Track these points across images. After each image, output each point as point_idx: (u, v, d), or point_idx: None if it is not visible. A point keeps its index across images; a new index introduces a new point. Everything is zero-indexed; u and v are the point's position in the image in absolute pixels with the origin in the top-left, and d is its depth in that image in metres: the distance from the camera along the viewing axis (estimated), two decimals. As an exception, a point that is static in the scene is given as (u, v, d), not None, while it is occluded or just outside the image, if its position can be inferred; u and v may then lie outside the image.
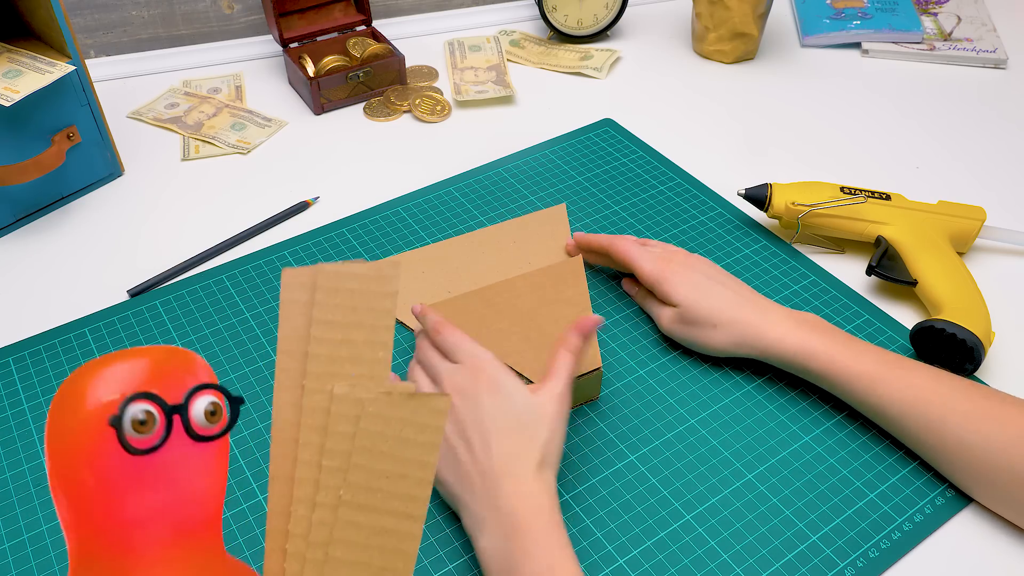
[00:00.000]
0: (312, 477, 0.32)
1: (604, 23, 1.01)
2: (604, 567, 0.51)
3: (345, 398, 0.32)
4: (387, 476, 0.32)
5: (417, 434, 0.32)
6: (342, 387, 0.32)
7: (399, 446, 0.31)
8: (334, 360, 0.32)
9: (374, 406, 0.32)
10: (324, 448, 0.32)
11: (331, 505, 0.32)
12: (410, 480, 0.32)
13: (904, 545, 0.52)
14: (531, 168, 0.82)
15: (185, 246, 0.74)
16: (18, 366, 0.63)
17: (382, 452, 0.32)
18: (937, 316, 0.62)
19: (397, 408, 0.32)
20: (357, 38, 0.95)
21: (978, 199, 0.79)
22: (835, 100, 0.93)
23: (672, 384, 0.62)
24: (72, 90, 0.74)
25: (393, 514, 0.32)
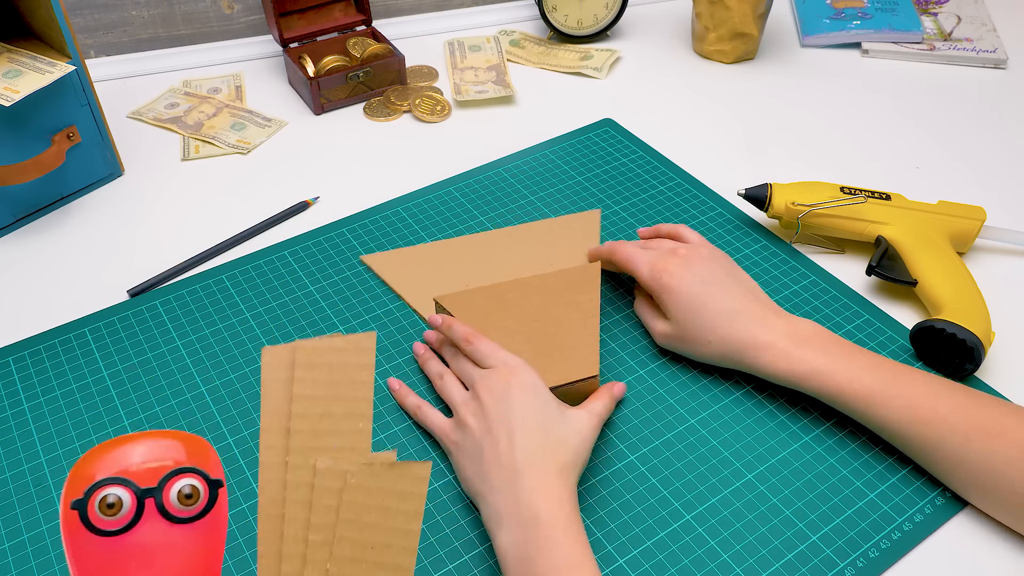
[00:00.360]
0: (299, 552, 0.32)
1: (604, 23, 1.01)
2: (604, 567, 0.51)
3: (328, 472, 0.32)
4: (372, 547, 0.32)
5: (400, 502, 0.32)
6: (324, 461, 0.33)
7: (383, 516, 0.32)
8: (316, 435, 0.33)
9: (356, 478, 0.32)
10: (309, 523, 0.32)
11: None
12: (394, 548, 0.32)
13: (904, 545, 0.52)
14: (531, 168, 0.82)
15: (185, 246, 0.74)
16: (18, 366, 0.63)
17: (366, 523, 0.32)
18: (937, 316, 0.62)
19: (379, 478, 0.32)
20: (357, 38, 0.95)
21: (978, 199, 0.79)
22: (835, 100, 0.93)
23: (672, 385, 0.62)
24: (72, 90, 0.74)
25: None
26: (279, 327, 0.66)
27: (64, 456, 0.57)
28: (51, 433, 0.58)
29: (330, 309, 0.67)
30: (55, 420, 0.59)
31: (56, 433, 0.58)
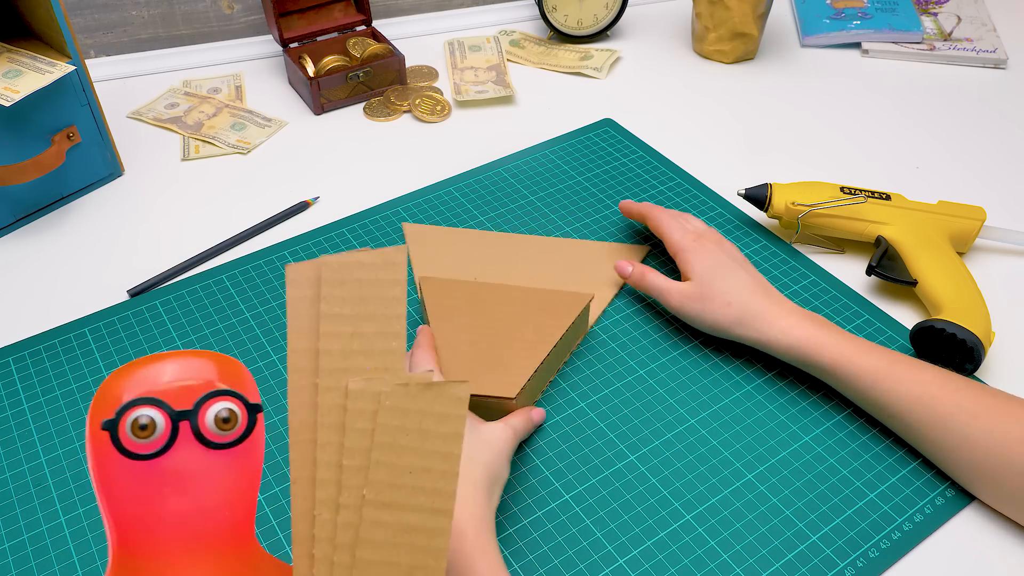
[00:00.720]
0: (334, 478, 0.31)
1: (604, 23, 1.01)
2: (604, 567, 0.51)
3: (361, 393, 0.30)
4: (410, 471, 0.30)
5: (438, 424, 0.30)
6: (357, 382, 0.31)
7: (420, 439, 0.30)
8: (346, 355, 0.31)
9: (391, 399, 0.30)
10: (343, 447, 0.31)
11: (355, 506, 0.30)
12: (434, 473, 0.30)
13: (904, 545, 0.52)
14: (531, 168, 0.82)
15: (185, 246, 0.74)
16: (18, 366, 0.63)
17: (403, 446, 0.30)
18: (937, 316, 0.62)
19: (415, 400, 0.30)
20: (357, 38, 0.95)
21: (978, 199, 0.79)
22: (835, 100, 0.93)
23: (672, 384, 0.62)
24: (72, 90, 0.74)
25: (419, 510, 0.30)
26: (279, 327, 0.66)
27: (64, 456, 0.57)
28: (51, 433, 0.58)
29: (330, 309, 0.67)
30: (55, 420, 0.59)
31: (56, 433, 0.58)
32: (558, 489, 0.55)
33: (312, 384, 0.31)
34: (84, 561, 0.51)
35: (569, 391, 0.61)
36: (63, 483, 0.55)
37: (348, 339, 0.31)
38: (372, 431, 0.30)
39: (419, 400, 0.30)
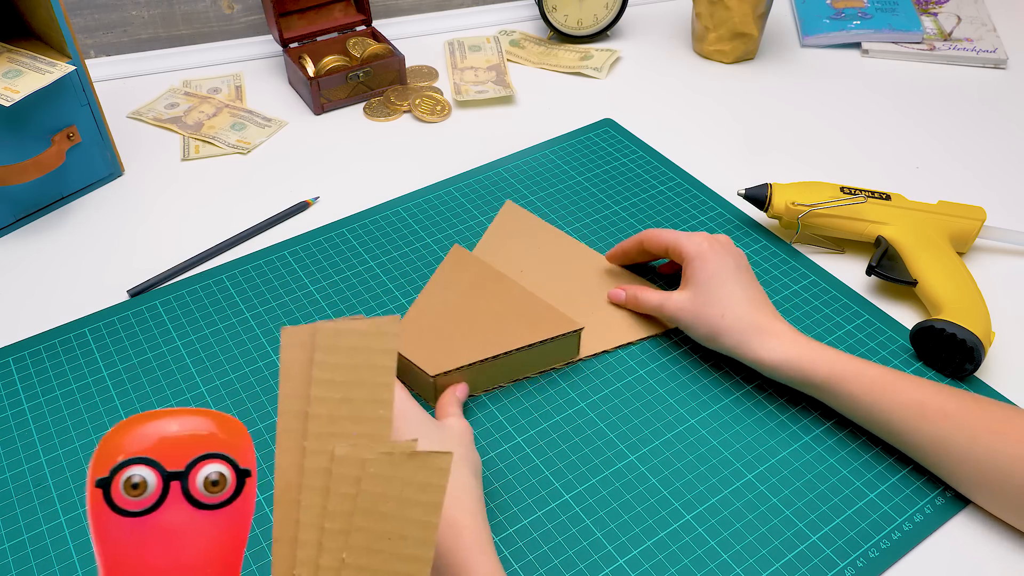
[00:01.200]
0: (315, 539, 0.32)
1: (604, 23, 1.01)
2: (604, 567, 0.51)
3: (346, 459, 0.32)
4: (389, 537, 0.31)
5: (418, 494, 0.31)
6: (343, 448, 0.32)
7: (401, 507, 0.31)
8: (335, 420, 0.32)
9: (375, 466, 0.31)
10: (326, 510, 0.32)
11: (334, 568, 0.31)
12: (411, 541, 0.31)
13: (904, 545, 0.52)
14: (531, 168, 0.82)
15: (185, 246, 0.74)
16: (18, 366, 0.63)
17: (384, 513, 0.31)
18: (937, 316, 0.62)
19: (398, 468, 0.31)
20: (357, 38, 0.95)
21: (978, 199, 0.79)
22: (835, 100, 0.93)
23: (672, 384, 0.62)
24: (72, 90, 0.74)
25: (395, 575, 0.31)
26: (279, 327, 0.66)
27: (64, 456, 0.57)
28: (51, 433, 0.58)
29: (330, 309, 0.67)
30: (55, 420, 0.59)
31: (56, 433, 0.58)
32: (558, 489, 0.55)
33: (300, 446, 0.32)
34: (84, 561, 0.51)
35: (569, 391, 0.61)
36: (63, 483, 0.55)
37: (337, 404, 0.32)
38: (355, 496, 0.32)
39: (402, 469, 0.31)
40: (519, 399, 0.61)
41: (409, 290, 0.69)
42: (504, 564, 0.51)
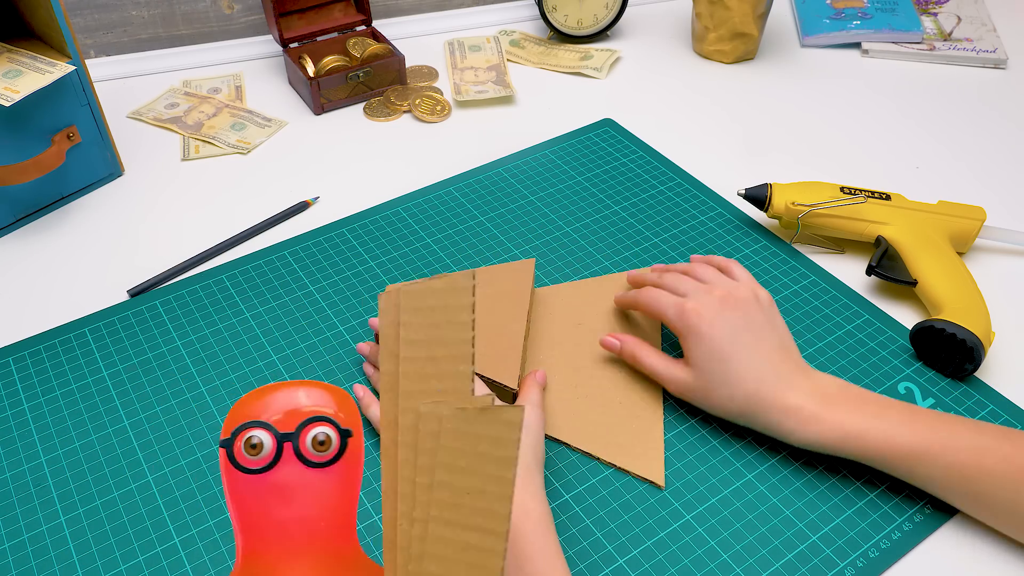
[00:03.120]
0: (409, 492, 0.33)
1: (604, 23, 1.01)
2: (604, 567, 0.51)
3: (428, 415, 0.33)
4: (468, 492, 0.32)
5: (493, 448, 0.32)
6: (426, 404, 0.33)
7: (477, 461, 0.32)
8: (422, 377, 0.34)
9: (451, 422, 0.33)
10: (416, 465, 0.33)
11: (424, 520, 0.33)
12: (489, 495, 0.32)
13: (904, 545, 0.52)
14: (531, 168, 0.82)
15: (185, 246, 0.74)
16: (18, 366, 0.63)
17: (462, 468, 0.32)
18: (937, 316, 0.62)
19: (472, 423, 0.32)
20: (357, 38, 0.95)
21: (978, 199, 0.79)
22: (835, 100, 0.93)
23: (672, 384, 0.62)
24: (72, 90, 0.74)
25: (476, 529, 0.32)
26: (279, 327, 0.66)
27: (64, 456, 0.57)
28: (51, 433, 0.58)
29: (330, 309, 0.67)
30: (55, 420, 0.59)
31: (56, 433, 0.58)
32: (558, 489, 0.55)
33: (396, 405, 0.34)
34: (84, 561, 0.51)
35: (569, 391, 0.61)
36: (63, 483, 0.55)
37: (423, 363, 0.34)
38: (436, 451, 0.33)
39: (475, 424, 0.32)
40: (519, 399, 0.61)
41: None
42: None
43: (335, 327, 0.66)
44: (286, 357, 0.63)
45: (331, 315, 0.67)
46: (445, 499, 0.33)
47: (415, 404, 0.33)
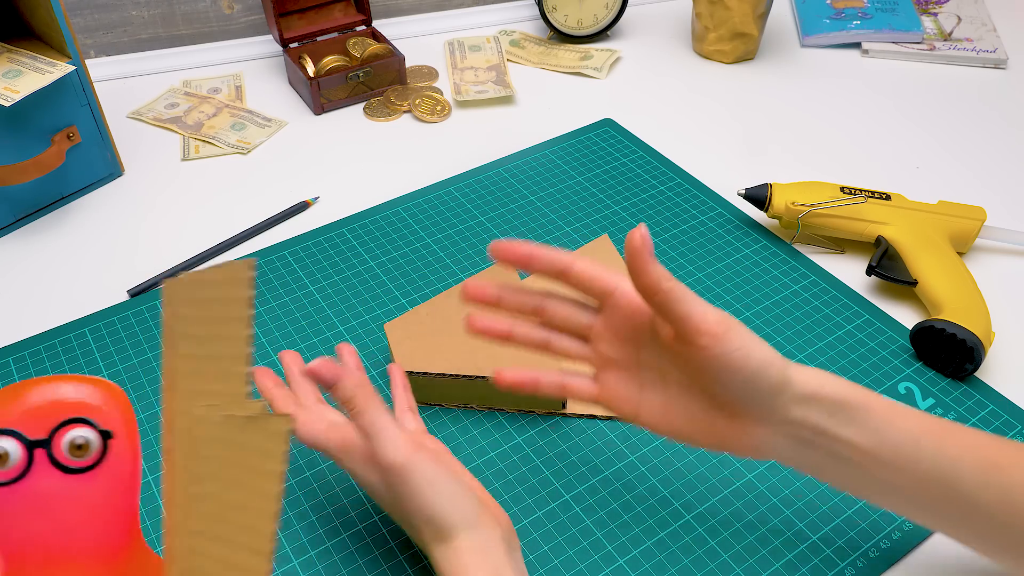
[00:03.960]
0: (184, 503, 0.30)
1: (604, 23, 1.01)
2: (604, 567, 0.51)
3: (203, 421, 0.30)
4: (234, 507, 0.30)
5: (259, 462, 0.30)
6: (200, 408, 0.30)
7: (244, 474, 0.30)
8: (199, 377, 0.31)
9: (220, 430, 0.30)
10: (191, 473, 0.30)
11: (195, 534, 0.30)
12: (252, 512, 0.30)
13: (904, 545, 0.52)
14: (531, 168, 0.82)
15: (185, 246, 0.74)
16: (18, 366, 0.63)
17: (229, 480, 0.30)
18: (937, 316, 0.62)
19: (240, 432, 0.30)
20: (357, 38, 0.95)
21: (978, 199, 0.79)
22: (835, 100, 0.93)
23: (672, 384, 0.62)
24: (72, 90, 0.74)
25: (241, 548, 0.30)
26: (279, 327, 0.66)
27: (64, 456, 0.57)
28: (51, 433, 0.58)
29: (330, 309, 0.67)
30: (55, 420, 0.59)
31: (56, 433, 0.58)
32: (558, 489, 0.55)
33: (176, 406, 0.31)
34: (84, 561, 0.51)
35: (569, 391, 0.61)
36: (63, 483, 0.55)
37: (200, 361, 0.31)
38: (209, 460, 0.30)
39: (243, 433, 0.30)
40: (519, 399, 0.61)
41: (409, 290, 0.69)
42: (504, 564, 0.51)
43: (335, 327, 0.66)
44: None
45: (331, 315, 0.67)
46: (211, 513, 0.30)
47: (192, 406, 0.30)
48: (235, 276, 0.30)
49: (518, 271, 0.66)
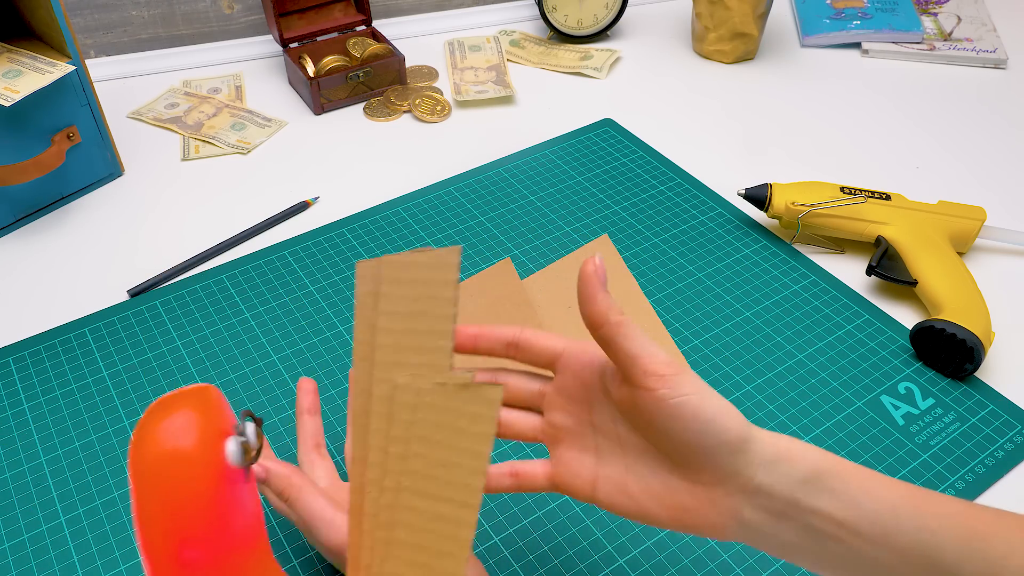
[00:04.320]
0: (380, 461, 0.33)
1: (604, 23, 1.01)
2: (604, 567, 0.51)
3: (406, 388, 0.33)
4: (443, 465, 0.33)
5: (470, 424, 0.32)
6: (404, 377, 0.33)
7: (453, 436, 0.33)
8: (399, 350, 0.34)
9: (430, 396, 0.33)
10: (389, 435, 0.33)
11: (395, 489, 0.33)
12: (464, 469, 0.32)
13: (904, 545, 0.52)
14: (531, 168, 0.82)
15: (185, 246, 0.74)
16: (18, 366, 0.63)
17: (438, 441, 0.33)
18: (937, 316, 0.62)
19: (451, 398, 0.33)
20: (357, 38, 0.95)
21: (978, 199, 0.79)
22: (835, 100, 0.93)
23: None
24: (72, 90, 0.74)
25: (448, 502, 0.33)
26: (279, 327, 0.66)
27: (64, 456, 0.57)
28: (51, 433, 0.58)
29: (330, 309, 0.67)
30: (55, 420, 0.59)
31: (56, 433, 0.58)
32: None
33: (370, 374, 0.34)
34: (84, 561, 0.51)
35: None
36: (63, 483, 0.55)
37: (401, 335, 0.34)
38: (413, 423, 0.33)
39: (455, 400, 0.33)
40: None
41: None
42: (504, 564, 0.51)
43: (335, 327, 0.66)
44: (286, 357, 0.63)
45: (331, 315, 0.67)
46: (418, 471, 0.33)
47: (391, 376, 0.33)
48: (443, 260, 0.34)
49: (517, 273, 0.66)
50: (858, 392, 0.61)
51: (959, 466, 0.56)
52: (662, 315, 0.67)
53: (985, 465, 0.56)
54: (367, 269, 0.34)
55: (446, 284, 0.34)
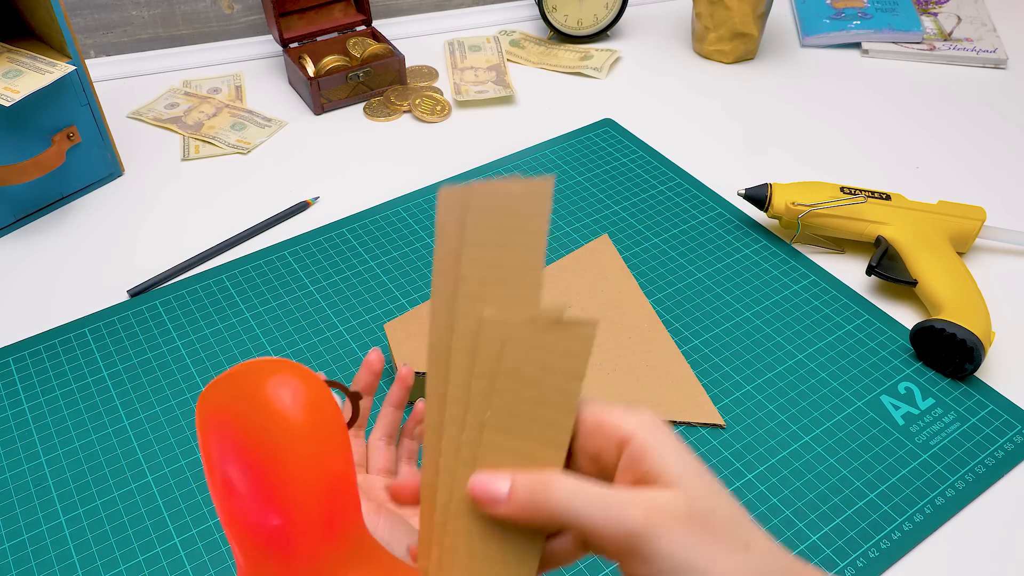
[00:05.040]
0: (462, 398, 0.32)
1: (604, 23, 1.01)
2: (604, 567, 0.51)
3: (493, 323, 0.32)
4: (530, 402, 0.31)
5: (560, 361, 0.31)
6: (490, 311, 0.32)
7: (543, 373, 0.31)
8: (484, 283, 0.32)
9: (520, 332, 0.31)
10: (473, 371, 0.32)
11: (477, 426, 0.32)
12: (553, 407, 0.31)
13: (904, 545, 0.52)
14: (531, 168, 0.82)
15: (185, 246, 0.74)
16: (18, 366, 0.63)
17: (526, 378, 0.31)
18: (937, 316, 0.62)
19: (542, 335, 0.31)
20: (357, 38, 0.95)
21: (978, 199, 0.79)
22: (835, 100, 0.93)
23: (672, 384, 0.62)
24: (72, 90, 0.74)
25: (535, 439, 0.31)
26: (279, 327, 0.66)
27: (64, 456, 0.57)
28: (51, 433, 0.58)
29: (330, 309, 0.67)
30: (55, 420, 0.59)
31: (56, 433, 0.58)
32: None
33: (451, 307, 0.32)
34: (84, 561, 0.51)
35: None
36: (63, 483, 0.55)
37: (487, 267, 0.32)
38: (499, 359, 0.32)
39: (545, 335, 0.31)
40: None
41: (409, 290, 0.69)
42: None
43: (335, 327, 0.66)
44: (286, 357, 0.63)
45: (331, 315, 0.67)
46: (504, 407, 0.31)
47: (475, 309, 0.32)
48: (536, 190, 0.31)
49: None
50: (858, 392, 0.61)
51: (959, 466, 0.56)
52: (662, 315, 0.67)
53: (985, 465, 0.56)
54: (452, 196, 0.32)
55: (538, 216, 0.32)
